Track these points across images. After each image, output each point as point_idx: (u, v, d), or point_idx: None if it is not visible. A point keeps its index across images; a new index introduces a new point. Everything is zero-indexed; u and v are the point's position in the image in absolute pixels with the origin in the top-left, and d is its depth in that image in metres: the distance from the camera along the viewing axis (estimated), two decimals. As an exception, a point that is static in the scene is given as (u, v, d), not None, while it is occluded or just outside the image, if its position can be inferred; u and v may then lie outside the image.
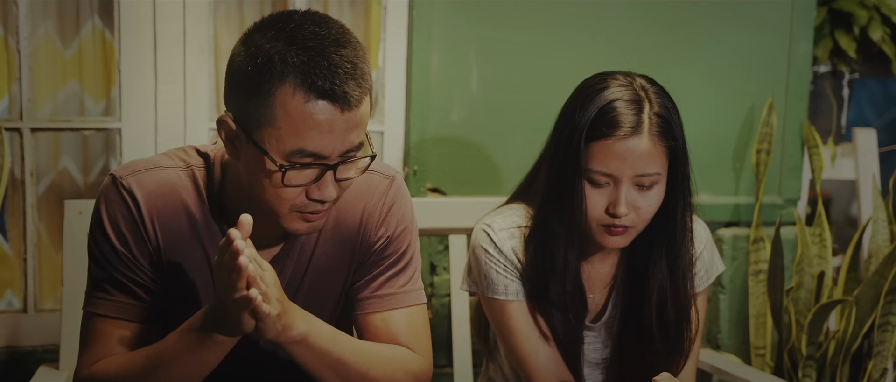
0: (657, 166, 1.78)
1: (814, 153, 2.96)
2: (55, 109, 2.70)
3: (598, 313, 2.00)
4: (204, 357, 1.52)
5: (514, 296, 1.91)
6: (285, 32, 1.45)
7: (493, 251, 1.91)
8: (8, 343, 2.54)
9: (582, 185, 1.79)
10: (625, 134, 1.75)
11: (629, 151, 1.75)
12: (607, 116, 1.76)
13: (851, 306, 2.69)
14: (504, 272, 1.91)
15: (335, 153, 1.48)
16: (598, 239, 1.85)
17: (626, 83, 1.80)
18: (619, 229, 1.81)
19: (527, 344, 1.92)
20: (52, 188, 2.73)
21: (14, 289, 2.73)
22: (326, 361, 1.59)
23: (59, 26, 2.68)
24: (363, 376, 1.63)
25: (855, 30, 3.13)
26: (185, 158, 1.67)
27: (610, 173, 1.77)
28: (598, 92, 1.80)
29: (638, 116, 1.76)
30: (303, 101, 1.43)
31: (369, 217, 1.71)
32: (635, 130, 1.75)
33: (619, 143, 1.75)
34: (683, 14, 2.83)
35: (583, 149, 1.77)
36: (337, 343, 1.60)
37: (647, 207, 1.80)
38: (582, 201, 1.80)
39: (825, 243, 2.86)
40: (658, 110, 1.78)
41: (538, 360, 1.92)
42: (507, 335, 1.93)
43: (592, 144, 1.77)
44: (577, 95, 1.84)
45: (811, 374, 2.72)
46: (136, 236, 1.61)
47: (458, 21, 2.64)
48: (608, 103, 1.77)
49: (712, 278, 2.05)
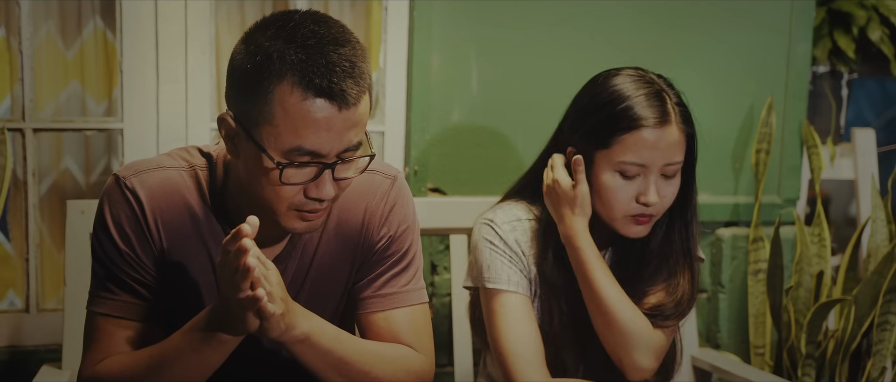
0: (681, 154, 1.85)
1: (813, 153, 2.96)
2: (57, 110, 2.70)
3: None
4: (207, 356, 1.53)
5: (514, 287, 1.92)
6: (285, 31, 1.46)
7: (498, 242, 1.93)
8: (10, 342, 2.54)
9: (610, 177, 1.85)
10: (655, 124, 1.81)
11: (660, 140, 1.81)
12: (635, 109, 1.82)
13: (850, 305, 2.70)
14: (509, 263, 1.93)
15: (333, 152, 1.49)
16: (622, 230, 1.89)
17: (640, 76, 1.87)
18: (645, 218, 1.87)
19: (517, 338, 1.92)
20: (54, 188, 2.74)
21: (16, 289, 2.74)
22: (329, 360, 1.59)
23: (61, 27, 2.69)
24: (366, 375, 1.63)
25: (854, 30, 3.14)
26: (187, 158, 1.67)
27: (642, 164, 1.82)
28: (617, 87, 1.85)
29: (663, 106, 1.82)
30: (300, 98, 1.44)
31: (372, 217, 1.72)
32: (665, 120, 1.82)
33: (652, 133, 1.81)
34: (683, 14, 2.84)
35: (611, 140, 1.83)
36: (340, 342, 1.61)
37: (671, 194, 1.87)
38: (611, 193, 1.85)
39: (824, 242, 2.86)
40: (677, 101, 1.85)
41: (519, 357, 1.91)
42: (498, 327, 1.93)
43: (623, 135, 1.82)
44: (593, 91, 1.90)
45: (810, 373, 2.73)
46: (139, 236, 1.62)
47: (459, 21, 2.65)
48: (633, 97, 1.83)
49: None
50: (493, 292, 1.94)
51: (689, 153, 1.88)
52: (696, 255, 1.97)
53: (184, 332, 1.54)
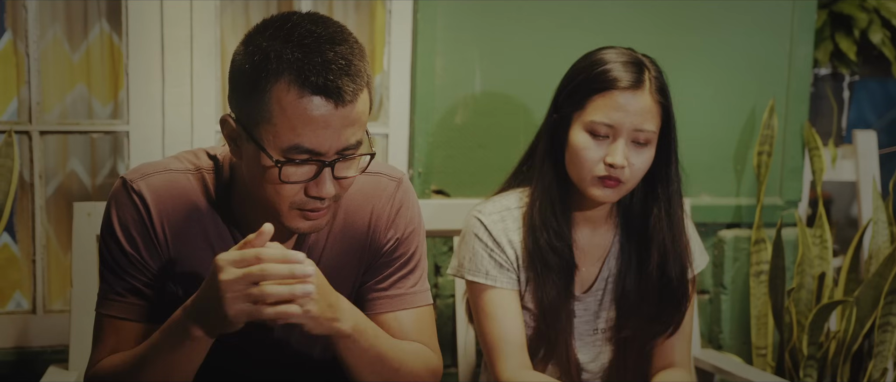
0: (653, 124, 1.90)
1: (814, 155, 2.97)
2: (63, 112, 2.71)
3: (589, 284, 2.04)
4: (185, 354, 1.52)
5: (495, 282, 1.98)
6: (282, 32, 1.48)
7: (483, 235, 1.99)
8: (17, 343, 2.55)
9: (582, 134, 1.91)
10: (627, 87, 1.88)
11: (631, 103, 1.88)
12: (611, 73, 1.90)
13: (852, 306, 2.70)
14: (490, 257, 1.98)
15: (331, 150, 1.50)
16: (590, 192, 1.94)
17: (626, 51, 1.95)
18: (612, 181, 1.91)
19: (497, 331, 1.97)
20: (60, 190, 2.75)
21: (23, 290, 2.75)
22: (369, 355, 1.61)
23: (67, 30, 2.70)
24: (396, 372, 1.66)
25: (855, 32, 3.14)
26: (194, 160, 1.69)
27: (611, 124, 1.88)
28: (601, 55, 1.94)
29: (639, 74, 1.90)
30: (297, 96, 1.45)
31: (378, 220, 1.73)
32: (637, 85, 1.89)
33: (623, 95, 1.88)
34: (685, 16, 2.85)
35: (585, 100, 1.90)
36: (378, 337, 1.64)
37: (641, 164, 1.92)
38: (581, 152, 1.91)
39: (826, 244, 2.87)
40: (656, 74, 1.93)
41: (504, 348, 1.96)
42: (482, 318, 2.00)
43: (596, 95, 1.90)
44: (579, 61, 1.99)
45: (812, 374, 2.74)
46: (145, 239, 1.63)
47: (463, 24, 2.66)
48: (611, 62, 1.91)
49: (698, 268, 2.13)
50: (476, 286, 2.00)
51: (666, 129, 1.94)
52: (680, 231, 2.03)
53: (161, 331, 1.55)
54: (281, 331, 1.73)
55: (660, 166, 1.97)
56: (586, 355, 2.08)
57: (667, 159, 1.98)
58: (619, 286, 2.05)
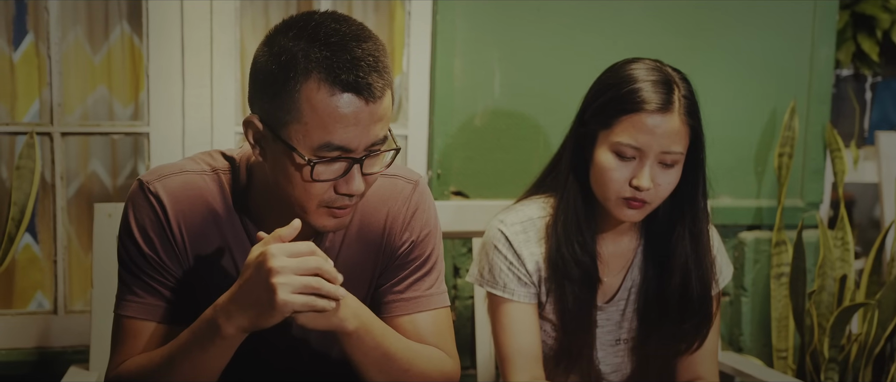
0: (681, 145, 1.86)
1: (836, 156, 2.96)
2: (84, 114, 2.73)
3: (612, 294, 2.03)
4: (213, 353, 1.52)
5: (513, 296, 1.96)
6: (307, 31, 1.48)
7: (504, 248, 1.97)
8: (38, 343, 2.57)
9: (608, 154, 1.87)
10: (656, 109, 1.83)
11: (659, 126, 1.83)
12: (639, 93, 1.84)
13: (874, 309, 2.69)
14: (509, 271, 1.96)
15: (361, 146, 1.50)
16: (614, 212, 1.91)
17: (655, 66, 1.89)
18: (637, 202, 1.88)
19: (513, 343, 1.96)
20: (81, 192, 2.77)
21: (44, 290, 2.77)
22: (376, 354, 1.61)
23: (89, 32, 2.72)
24: (405, 373, 1.65)
25: (877, 33, 3.12)
26: (210, 161, 1.69)
27: (638, 147, 1.84)
28: (630, 71, 1.89)
29: (668, 95, 1.84)
30: (328, 94, 1.45)
31: (394, 222, 1.73)
32: (666, 107, 1.83)
33: (651, 117, 1.83)
34: (705, 18, 2.84)
35: (613, 120, 1.86)
36: (386, 337, 1.63)
37: (667, 185, 1.88)
38: (606, 172, 1.87)
39: (847, 246, 2.85)
40: (685, 93, 1.86)
41: (518, 360, 1.96)
42: (498, 330, 1.99)
43: (623, 117, 1.85)
44: (607, 75, 1.94)
45: (833, 377, 2.72)
46: (162, 240, 1.64)
47: (482, 25, 2.66)
48: (641, 81, 1.85)
49: (723, 282, 2.10)
50: (494, 297, 1.99)
51: (695, 148, 1.90)
52: (705, 251, 2.00)
53: (190, 330, 1.55)
54: (298, 333, 1.73)
55: (687, 185, 1.93)
56: (608, 365, 2.06)
57: (694, 179, 1.94)
58: (642, 296, 2.03)
